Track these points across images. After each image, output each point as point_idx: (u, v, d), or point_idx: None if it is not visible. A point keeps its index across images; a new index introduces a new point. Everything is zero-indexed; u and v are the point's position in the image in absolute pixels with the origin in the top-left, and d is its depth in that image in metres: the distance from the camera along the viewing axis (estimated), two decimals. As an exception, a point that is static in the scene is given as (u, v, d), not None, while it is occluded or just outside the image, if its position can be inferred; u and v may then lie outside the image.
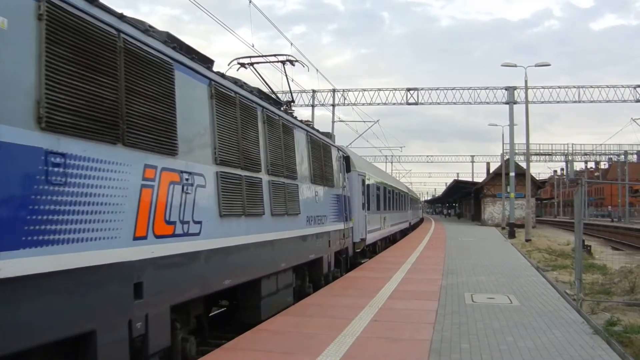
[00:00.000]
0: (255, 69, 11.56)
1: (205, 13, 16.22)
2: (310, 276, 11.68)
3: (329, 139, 13.97)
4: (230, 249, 6.98)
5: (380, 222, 22.11)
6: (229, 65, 11.34)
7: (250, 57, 11.62)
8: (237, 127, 7.44)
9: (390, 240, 27.09)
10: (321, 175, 11.98)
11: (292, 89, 13.32)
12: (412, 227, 42.61)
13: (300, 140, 10.64)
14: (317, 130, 12.84)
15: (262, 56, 12.14)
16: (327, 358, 6.14)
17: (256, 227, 7.93)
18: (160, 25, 7.40)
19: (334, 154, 13.86)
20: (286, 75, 12.49)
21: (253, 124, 8.12)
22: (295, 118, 11.37)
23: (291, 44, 25.38)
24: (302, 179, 10.41)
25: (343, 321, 7.94)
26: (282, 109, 10.48)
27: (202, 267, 6.33)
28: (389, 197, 26.22)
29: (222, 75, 7.43)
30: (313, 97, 40.10)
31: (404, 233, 34.34)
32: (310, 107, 40.34)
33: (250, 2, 18.10)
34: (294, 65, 12.14)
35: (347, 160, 15.45)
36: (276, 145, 9.07)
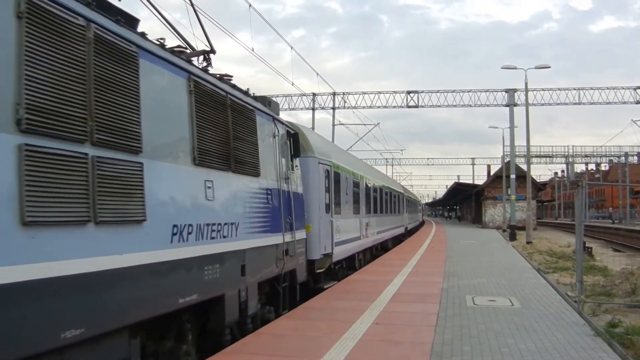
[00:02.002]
0: None
1: (205, 17, 16.22)
2: (203, 328, 6.96)
3: (267, 107, 9.38)
4: None
5: (360, 229, 17.15)
6: None
7: None
8: None
9: (381, 249, 23.15)
10: (225, 154, 7.04)
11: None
12: (410, 233, 38.92)
13: (164, 85, 5.87)
14: (234, 86, 7.98)
15: None
16: (329, 361, 6.14)
17: None
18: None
19: (266, 126, 8.91)
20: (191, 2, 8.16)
21: None
22: (216, 77, 7.36)
23: (291, 47, 25.33)
24: (161, 155, 5.62)
25: (344, 324, 7.94)
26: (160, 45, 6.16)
27: None
28: (376, 196, 21.54)
29: None
30: (313, 101, 40.20)
31: (398, 240, 30.12)
32: (311, 111, 40.50)
33: (250, 5, 18.18)
34: None
35: (294, 140, 10.37)
36: (61, 74, 4.30)
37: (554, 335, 7.46)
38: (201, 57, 7.80)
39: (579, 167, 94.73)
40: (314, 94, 40.13)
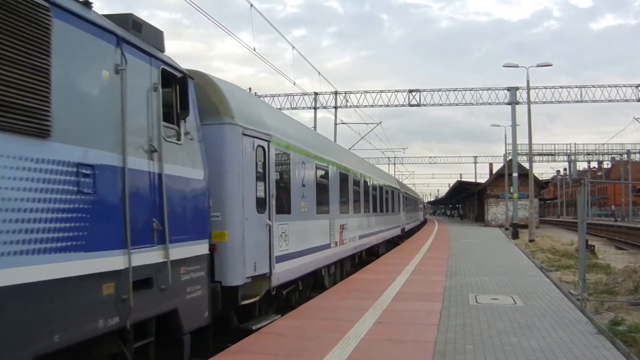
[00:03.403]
0: None
1: (206, 16, 16.24)
2: None
3: (129, 30, 5.66)
4: None
5: (330, 234, 12.95)
6: None
7: None
8: None
9: (371, 255, 20.00)
10: None
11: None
12: (409, 234, 35.31)
13: None
14: None
15: None
16: (332, 360, 6.15)
17: None
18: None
19: (90, 48, 4.97)
20: None
21: None
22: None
23: (293, 47, 25.35)
24: None
25: (347, 323, 7.94)
26: None
27: None
28: (358, 191, 17.33)
29: None
30: (315, 100, 40.21)
31: (393, 243, 26.52)
32: (313, 110, 40.54)
33: (251, 5, 18.20)
34: None
35: (182, 89, 6.32)
36: None
37: (556, 334, 7.45)
38: None
39: (581, 165, 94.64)
40: (316, 93, 40.15)
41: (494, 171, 61.34)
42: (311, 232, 11.37)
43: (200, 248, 6.67)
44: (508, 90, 37.50)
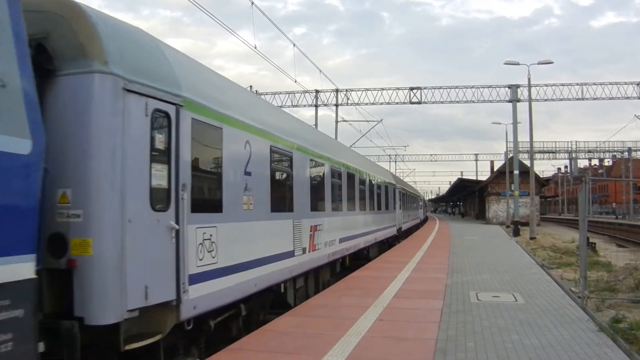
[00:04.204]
0: None
1: (207, 14, 16.22)
2: None
3: None
4: None
5: (294, 239, 10.18)
6: None
7: None
8: None
9: (359, 258, 17.17)
10: None
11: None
12: (407, 233, 32.65)
13: None
14: None
15: None
16: (332, 358, 6.15)
17: None
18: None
19: None
20: None
21: None
22: None
23: (294, 44, 25.34)
24: None
25: (348, 321, 7.94)
26: None
27: None
28: (340, 185, 14.54)
29: None
30: (316, 98, 40.21)
31: (388, 244, 24.21)
32: (314, 108, 40.54)
33: (252, 3, 18.20)
34: None
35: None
36: None
37: (558, 331, 7.45)
38: None
39: (582, 163, 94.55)
40: (317, 91, 40.14)
41: (495, 169, 61.39)
42: (261, 237, 8.56)
43: (13, 270, 3.87)
44: (509, 87, 37.52)
